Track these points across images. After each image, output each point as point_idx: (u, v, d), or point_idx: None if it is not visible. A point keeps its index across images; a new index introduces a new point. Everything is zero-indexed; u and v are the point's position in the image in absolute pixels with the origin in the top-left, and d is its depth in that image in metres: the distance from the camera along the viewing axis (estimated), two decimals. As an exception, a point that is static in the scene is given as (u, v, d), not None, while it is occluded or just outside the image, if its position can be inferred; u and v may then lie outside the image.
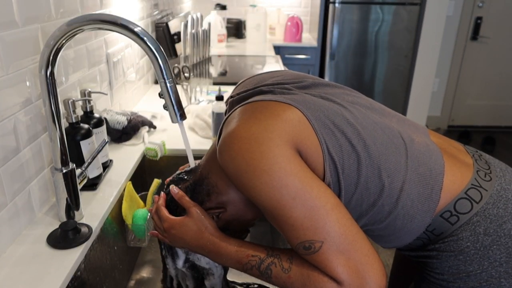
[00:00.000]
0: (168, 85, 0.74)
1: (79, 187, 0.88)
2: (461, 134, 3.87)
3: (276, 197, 0.61)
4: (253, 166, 0.61)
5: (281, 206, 0.61)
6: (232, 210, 0.76)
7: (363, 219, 0.71)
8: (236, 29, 3.54)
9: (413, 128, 0.77)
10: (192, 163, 0.82)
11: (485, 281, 0.69)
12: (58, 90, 0.78)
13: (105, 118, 1.21)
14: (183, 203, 0.76)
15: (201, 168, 0.78)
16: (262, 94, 0.75)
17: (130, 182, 1.09)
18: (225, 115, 0.86)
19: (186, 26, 1.55)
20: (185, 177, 0.79)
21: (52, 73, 0.76)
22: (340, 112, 0.70)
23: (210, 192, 0.75)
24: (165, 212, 0.77)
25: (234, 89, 0.85)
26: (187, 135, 0.97)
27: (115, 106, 1.40)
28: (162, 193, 0.81)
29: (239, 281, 0.90)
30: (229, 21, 3.51)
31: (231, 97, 0.83)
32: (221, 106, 1.27)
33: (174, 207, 0.78)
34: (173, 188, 0.78)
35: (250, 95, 0.77)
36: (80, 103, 1.04)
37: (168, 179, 0.83)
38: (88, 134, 0.96)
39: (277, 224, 0.64)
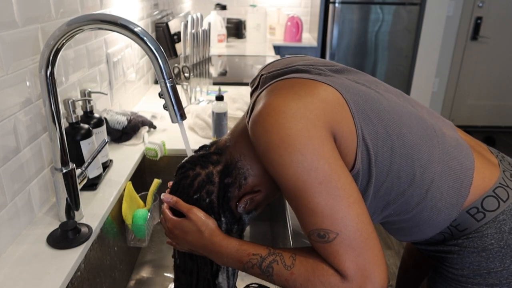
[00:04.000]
0: (168, 85, 0.74)
1: (79, 187, 0.88)
2: (461, 134, 3.87)
3: (304, 178, 0.59)
4: (287, 143, 0.59)
5: (306, 188, 0.59)
6: (266, 190, 0.74)
7: (390, 207, 0.71)
8: (236, 29, 3.54)
9: (441, 122, 0.76)
10: None
11: (505, 279, 0.69)
12: (58, 90, 0.79)
13: (105, 118, 1.21)
14: (179, 209, 0.74)
15: (231, 150, 0.75)
16: (298, 72, 0.73)
17: (130, 182, 1.09)
18: (253, 92, 0.83)
19: (186, 26, 1.55)
20: (214, 157, 0.75)
21: (52, 73, 0.76)
22: (377, 98, 0.69)
23: (247, 175, 0.73)
24: (168, 213, 0.77)
25: (263, 69, 0.82)
26: (187, 135, 0.97)
27: (115, 106, 1.40)
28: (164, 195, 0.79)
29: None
30: (229, 21, 3.50)
31: (261, 75, 0.80)
32: (221, 106, 1.27)
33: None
34: (166, 196, 0.76)
35: (285, 73, 0.75)
36: (80, 103, 1.04)
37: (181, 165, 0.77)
38: (88, 134, 0.96)
39: (296, 206, 0.62)
